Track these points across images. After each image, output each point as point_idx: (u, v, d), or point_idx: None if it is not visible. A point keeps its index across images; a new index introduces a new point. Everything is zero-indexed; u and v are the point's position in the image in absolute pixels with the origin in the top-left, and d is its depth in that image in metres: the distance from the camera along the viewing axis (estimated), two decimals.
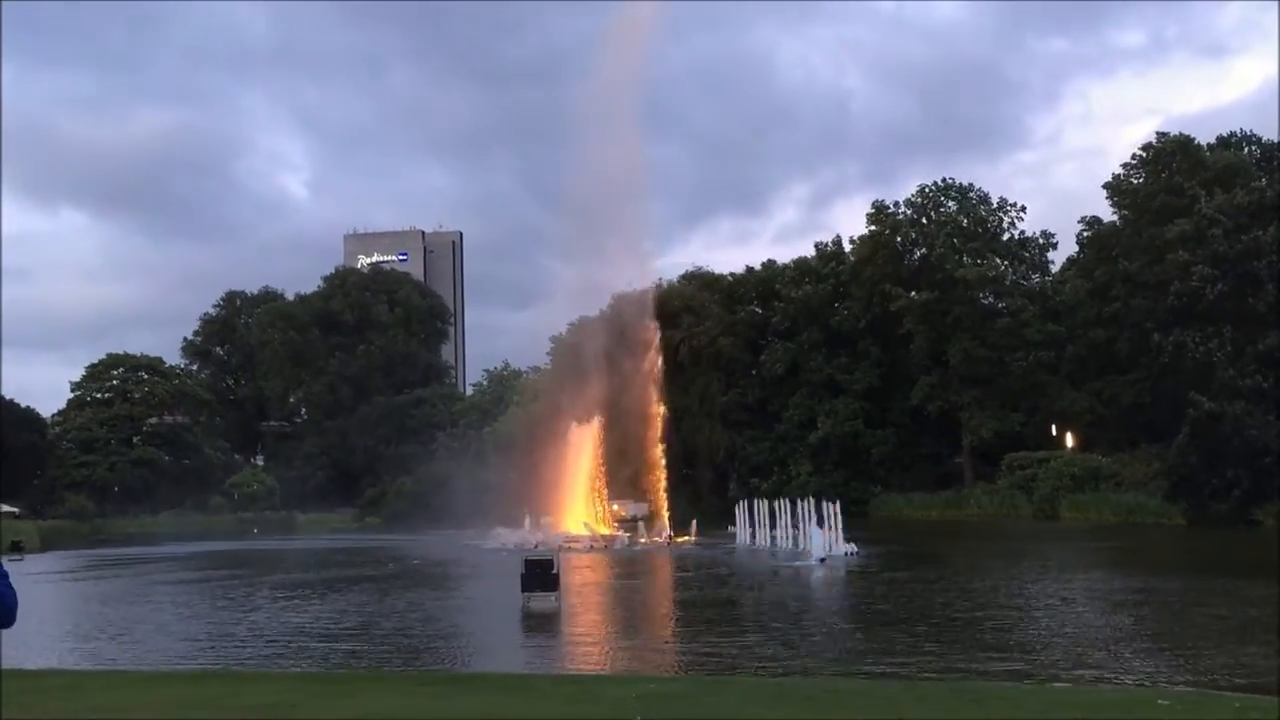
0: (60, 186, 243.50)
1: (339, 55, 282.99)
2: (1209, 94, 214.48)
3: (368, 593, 35.58)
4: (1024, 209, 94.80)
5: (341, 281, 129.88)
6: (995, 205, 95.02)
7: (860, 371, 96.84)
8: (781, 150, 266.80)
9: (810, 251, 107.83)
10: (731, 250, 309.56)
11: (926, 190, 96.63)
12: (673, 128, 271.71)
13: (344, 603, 32.94)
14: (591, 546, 56.37)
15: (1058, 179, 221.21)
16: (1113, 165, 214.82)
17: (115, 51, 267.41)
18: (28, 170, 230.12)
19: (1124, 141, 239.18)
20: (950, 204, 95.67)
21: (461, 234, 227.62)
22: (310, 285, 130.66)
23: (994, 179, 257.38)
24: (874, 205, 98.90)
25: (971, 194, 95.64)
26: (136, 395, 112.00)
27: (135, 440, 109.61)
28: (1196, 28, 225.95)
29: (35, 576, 44.98)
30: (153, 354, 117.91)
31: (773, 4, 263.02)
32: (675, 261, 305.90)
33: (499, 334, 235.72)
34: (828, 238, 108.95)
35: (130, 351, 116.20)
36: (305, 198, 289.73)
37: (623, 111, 69.02)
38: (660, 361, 74.53)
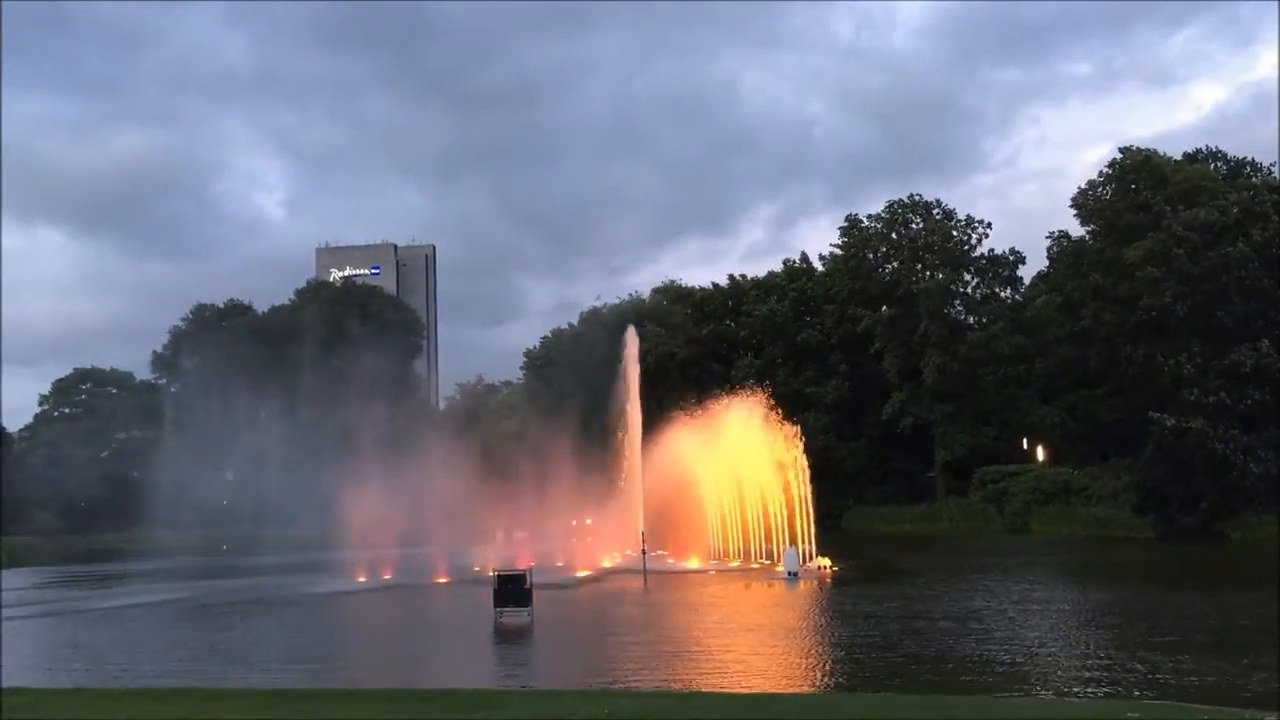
0: (38, 206, 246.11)
1: (315, 80, 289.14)
2: (1164, 118, 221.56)
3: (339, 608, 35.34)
4: (990, 225, 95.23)
5: (313, 295, 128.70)
6: (964, 222, 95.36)
7: (831, 386, 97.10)
8: (747, 173, 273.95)
9: (777, 269, 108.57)
10: (700, 268, 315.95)
11: (895, 207, 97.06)
12: (642, 151, 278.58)
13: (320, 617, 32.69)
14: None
15: (1017, 200, 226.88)
16: (1070, 186, 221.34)
17: (96, 77, 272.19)
18: (5, 190, 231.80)
19: (1081, 163, 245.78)
20: (918, 220, 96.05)
21: (434, 248, 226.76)
22: (285, 302, 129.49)
23: (954, 200, 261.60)
24: (846, 219, 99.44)
25: (938, 211, 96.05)
26: (105, 410, 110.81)
27: (103, 455, 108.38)
28: (1143, 59, 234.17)
29: None
30: (130, 371, 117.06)
31: (734, 33, 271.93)
32: (645, 280, 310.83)
33: (472, 351, 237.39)
34: (793, 257, 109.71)
35: (103, 367, 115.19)
36: (281, 217, 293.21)
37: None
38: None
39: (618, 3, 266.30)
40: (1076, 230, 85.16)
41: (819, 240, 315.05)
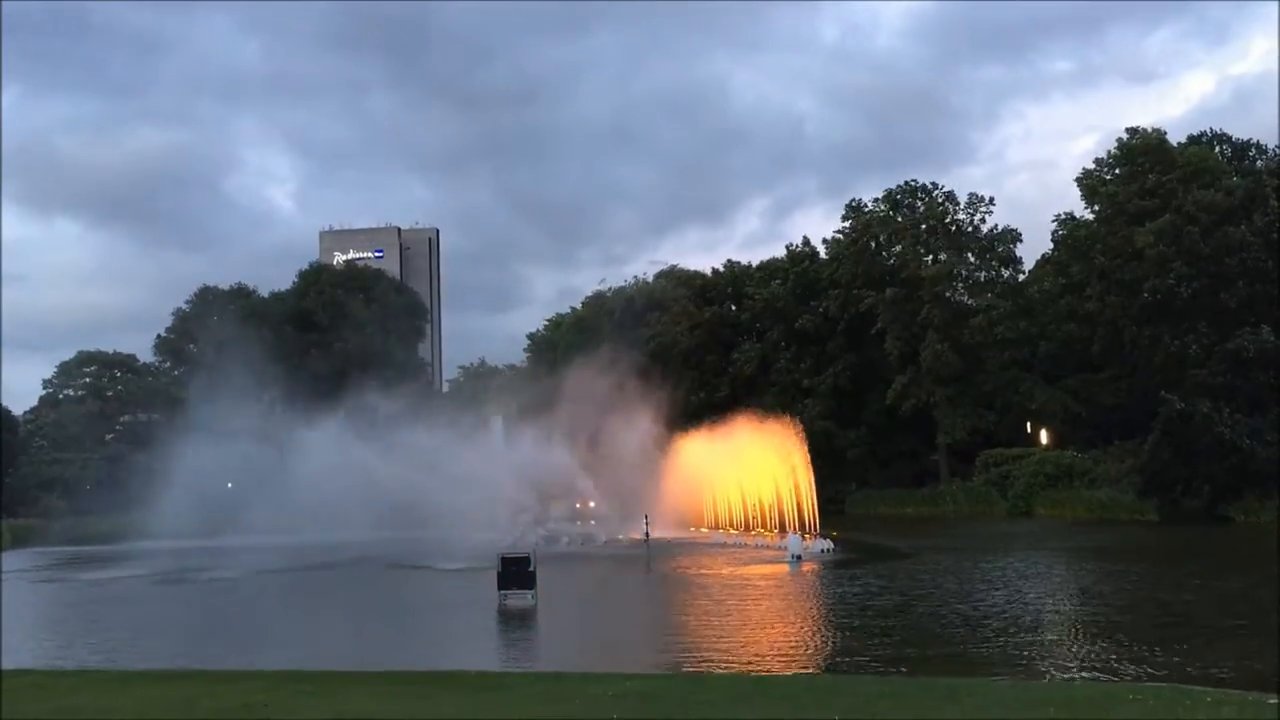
0: (56, 199, 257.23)
1: (324, 81, 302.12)
2: (1153, 110, 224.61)
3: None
4: (993, 201, 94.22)
5: (316, 278, 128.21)
6: (966, 202, 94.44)
7: (832, 371, 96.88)
8: (742, 167, 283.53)
9: (775, 256, 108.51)
10: (699, 256, 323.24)
11: (896, 192, 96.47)
12: (639, 146, 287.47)
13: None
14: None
15: (1007, 190, 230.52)
16: (1059, 177, 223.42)
17: (117, 79, 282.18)
18: (25, 184, 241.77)
19: (1069, 155, 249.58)
20: (920, 204, 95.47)
21: (438, 231, 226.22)
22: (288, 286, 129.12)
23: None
24: (849, 204, 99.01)
25: (940, 195, 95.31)
26: (110, 393, 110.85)
27: (108, 438, 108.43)
28: (1121, 56, 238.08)
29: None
30: (133, 353, 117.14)
31: (724, 36, 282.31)
32: (645, 268, 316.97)
33: (476, 338, 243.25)
34: (794, 242, 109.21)
35: (106, 350, 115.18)
36: (291, 209, 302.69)
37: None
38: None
39: (615, 3, 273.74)
40: (1079, 214, 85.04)
41: (813, 229, 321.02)
